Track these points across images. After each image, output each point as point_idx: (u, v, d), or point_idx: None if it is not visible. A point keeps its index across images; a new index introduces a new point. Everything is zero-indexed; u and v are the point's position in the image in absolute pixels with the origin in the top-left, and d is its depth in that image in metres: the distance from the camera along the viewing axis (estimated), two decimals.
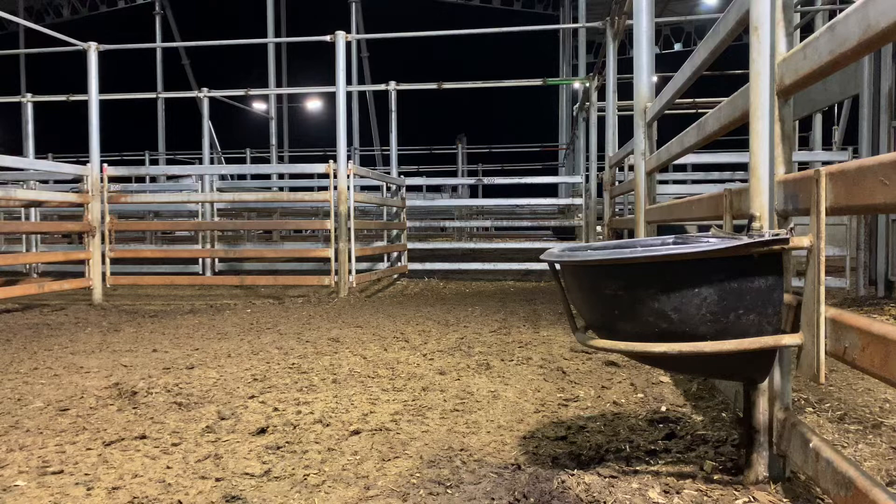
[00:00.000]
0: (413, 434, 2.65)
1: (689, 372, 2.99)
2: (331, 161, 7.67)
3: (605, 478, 2.12)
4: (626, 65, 6.09)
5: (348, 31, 16.94)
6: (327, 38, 7.98)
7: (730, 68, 10.24)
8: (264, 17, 21.25)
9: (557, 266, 2.04)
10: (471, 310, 6.48)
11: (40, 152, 13.94)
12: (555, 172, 21.79)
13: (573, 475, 2.15)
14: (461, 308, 6.63)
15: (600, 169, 9.47)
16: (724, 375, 2.52)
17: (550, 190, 21.64)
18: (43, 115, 12.74)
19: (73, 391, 3.38)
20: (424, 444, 2.54)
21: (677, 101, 3.95)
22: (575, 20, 20.24)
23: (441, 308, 6.67)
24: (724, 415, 2.81)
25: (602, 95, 9.14)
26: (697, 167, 12.01)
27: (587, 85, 10.57)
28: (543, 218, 14.92)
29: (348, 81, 12.28)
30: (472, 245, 12.67)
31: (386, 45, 23.92)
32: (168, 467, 2.30)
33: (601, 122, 9.05)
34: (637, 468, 2.21)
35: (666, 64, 20.43)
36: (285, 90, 18.96)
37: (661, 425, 2.70)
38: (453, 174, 20.62)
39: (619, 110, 8.09)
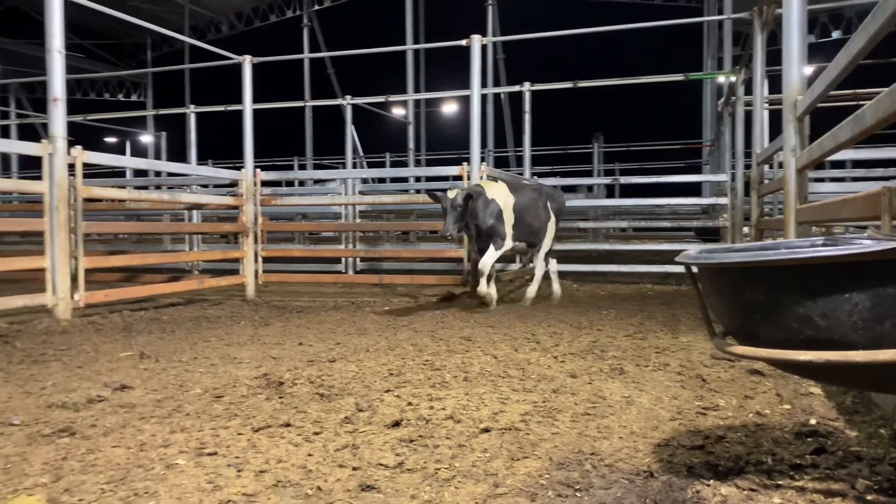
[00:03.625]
0: (542, 435, 2.65)
1: (838, 383, 2.78)
2: (464, 163, 7.78)
3: (743, 490, 2.02)
4: (776, 56, 5.73)
5: (484, 33, 17.11)
6: (463, 42, 8.11)
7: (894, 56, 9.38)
8: (403, 24, 21.91)
9: (694, 269, 1.97)
10: (605, 313, 6.35)
11: (201, 159, 15.08)
12: (698, 171, 20.80)
13: (709, 486, 2.07)
14: (595, 311, 6.51)
15: (747, 167, 8.98)
16: (879, 388, 2.33)
17: (693, 189, 20.73)
18: (203, 124, 13.77)
19: (227, 380, 3.65)
20: (554, 445, 2.53)
21: (833, 92, 3.68)
22: (720, 11, 19.29)
23: (574, 310, 6.58)
24: (881, 431, 2.59)
25: (749, 89, 8.66)
26: (857, 164, 11.09)
27: (733, 79, 10.03)
28: (685, 218, 14.32)
29: (483, 83, 12.39)
30: (607, 246, 12.32)
31: (521, 45, 23.88)
32: (309, 454, 2.44)
33: (748, 117, 8.58)
34: (780, 482, 2.09)
35: (822, 53, 19.00)
36: (423, 95, 19.39)
37: (809, 439, 2.54)
38: (588, 174, 20.23)
39: (767, 104, 7.63)
